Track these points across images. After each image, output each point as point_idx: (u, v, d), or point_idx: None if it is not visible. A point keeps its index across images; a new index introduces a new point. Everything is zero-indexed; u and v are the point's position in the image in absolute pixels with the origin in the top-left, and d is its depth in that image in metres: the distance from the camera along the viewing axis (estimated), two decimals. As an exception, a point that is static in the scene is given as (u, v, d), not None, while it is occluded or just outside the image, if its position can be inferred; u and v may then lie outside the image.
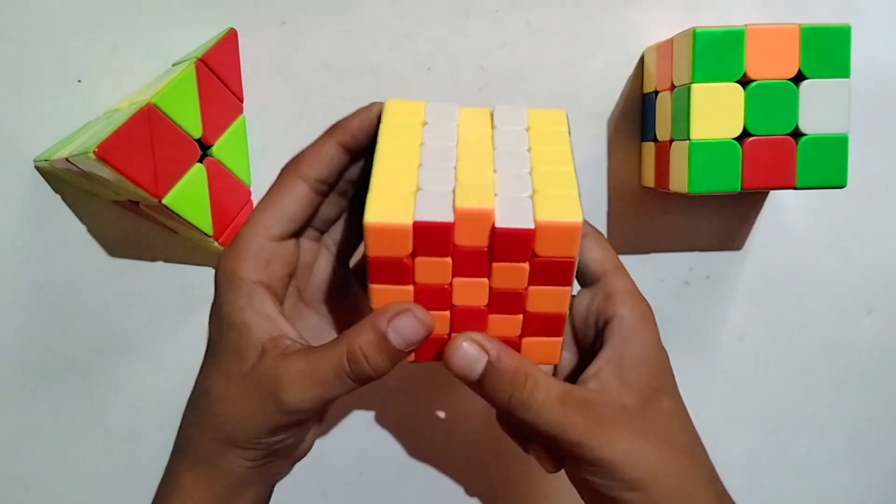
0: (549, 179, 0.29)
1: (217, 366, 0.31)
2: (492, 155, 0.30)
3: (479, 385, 0.30)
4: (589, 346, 0.34)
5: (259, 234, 0.31)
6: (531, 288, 0.29)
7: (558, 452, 0.32)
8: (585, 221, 0.32)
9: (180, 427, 0.33)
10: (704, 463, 0.32)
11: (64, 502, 0.43)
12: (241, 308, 0.31)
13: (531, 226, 0.27)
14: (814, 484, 0.46)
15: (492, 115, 0.33)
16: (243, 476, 0.31)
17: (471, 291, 0.30)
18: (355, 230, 0.35)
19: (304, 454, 0.34)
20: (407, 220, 0.27)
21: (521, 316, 0.30)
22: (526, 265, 0.29)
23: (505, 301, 0.30)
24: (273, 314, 0.31)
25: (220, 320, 0.31)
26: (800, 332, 0.45)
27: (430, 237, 0.28)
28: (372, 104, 0.33)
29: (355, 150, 0.32)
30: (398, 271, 0.29)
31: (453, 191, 0.28)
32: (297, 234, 0.33)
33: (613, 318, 0.32)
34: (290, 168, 0.32)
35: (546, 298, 0.30)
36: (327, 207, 0.34)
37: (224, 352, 0.31)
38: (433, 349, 0.31)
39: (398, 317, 0.29)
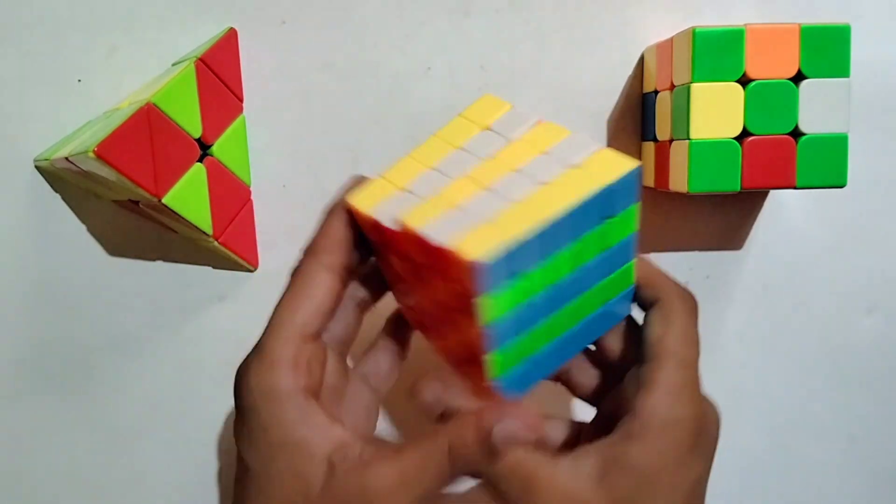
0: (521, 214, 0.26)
1: (271, 497, 0.27)
2: (504, 174, 0.28)
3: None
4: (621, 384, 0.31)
5: (294, 335, 0.28)
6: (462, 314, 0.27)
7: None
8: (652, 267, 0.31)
9: None
10: None
11: (64, 502, 0.43)
12: (293, 424, 0.27)
13: (438, 243, 0.25)
14: (814, 484, 0.46)
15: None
16: None
17: (426, 297, 0.29)
18: (354, 323, 0.32)
19: None
20: (368, 211, 0.27)
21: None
22: (444, 285, 0.27)
23: (451, 318, 0.28)
24: (327, 422, 0.27)
25: (266, 445, 0.27)
26: (800, 332, 0.45)
27: (379, 235, 0.28)
28: (358, 176, 0.30)
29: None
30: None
31: (421, 200, 0.27)
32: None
33: (656, 301, 0.30)
34: (310, 260, 0.29)
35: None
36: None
37: (279, 479, 0.27)
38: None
39: (505, 420, 0.26)
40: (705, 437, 0.29)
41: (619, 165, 0.26)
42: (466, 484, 0.29)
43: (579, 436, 0.33)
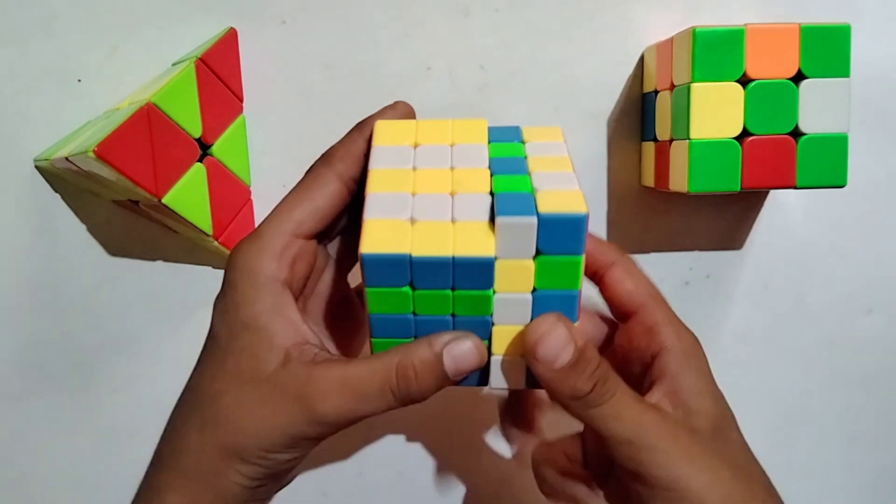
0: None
1: (226, 369, 0.28)
2: (488, 177, 0.28)
3: (562, 373, 0.27)
4: (635, 385, 0.30)
5: (287, 229, 0.29)
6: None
7: (617, 472, 0.29)
8: (612, 247, 0.31)
9: (169, 434, 0.30)
10: (778, 497, 0.30)
11: (64, 502, 0.43)
12: (264, 309, 0.28)
13: (365, 215, 0.26)
14: (814, 484, 0.46)
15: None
16: (236, 498, 0.28)
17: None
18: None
19: (287, 483, 0.32)
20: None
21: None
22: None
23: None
24: (297, 319, 0.29)
25: (235, 320, 0.28)
26: (800, 332, 0.45)
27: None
28: (397, 102, 0.31)
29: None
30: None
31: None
32: (320, 235, 0.31)
33: (661, 352, 0.30)
34: (323, 164, 0.30)
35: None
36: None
37: (237, 354, 0.28)
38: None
39: (456, 342, 0.27)
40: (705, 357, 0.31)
41: (569, 205, 0.26)
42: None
43: None
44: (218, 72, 0.38)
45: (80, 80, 0.41)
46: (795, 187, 0.37)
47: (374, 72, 0.42)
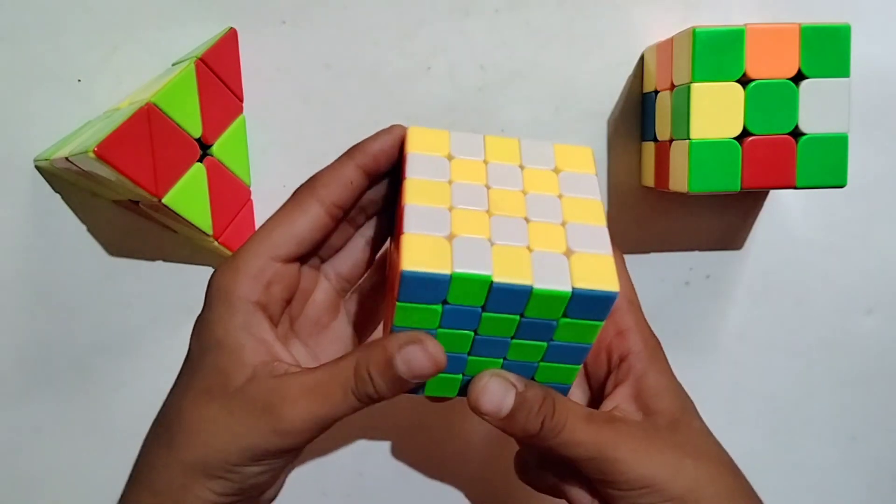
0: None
1: (194, 386, 0.29)
2: (523, 202, 0.29)
3: (509, 420, 0.29)
4: (600, 383, 0.33)
5: (264, 252, 0.29)
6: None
7: (592, 485, 0.31)
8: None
9: (142, 451, 0.30)
10: (743, 477, 0.31)
11: (64, 502, 0.43)
12: (235, 327, 0.29)
13: (403, 229, 0.27)
14: (814, 484, 0.46)
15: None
16: None
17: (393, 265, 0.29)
18: (361, 262, 0.34)
19: (269, 502, 0.32)
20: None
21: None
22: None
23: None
24: (269, 338, 0.29)
25: (207, 338, 0.29)
26: (800, 332, 0.45)
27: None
28: (393, 126, 0.31)
29: (375, 174, 0.31)
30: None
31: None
32: (302, 259, 0.31)
33: (629, 354, 0.32)
34: (306, 188, 0.30)
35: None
36: (335, 235, 0.32)
37: (206, 371, 0.29)
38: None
39: (409, 346, 0.28)
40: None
41: (601, 282, 0.27)
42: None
43: None
44: (218, 72, 0.38)
45: (80, 80, 0.41)
46: (795, 187, 0.37)
47: (374, 72, 0.42)
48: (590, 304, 0.27)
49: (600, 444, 0.29)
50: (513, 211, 0.28)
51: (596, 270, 0.27)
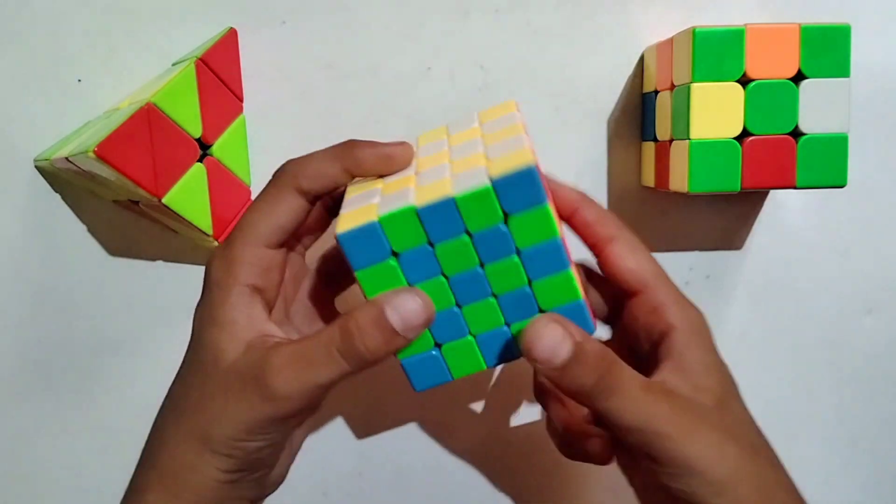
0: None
1: (195, 364, 0.30)
2: (447, 154, 0.30)
3: (562, 371, 0.28)
4: (643, 365, 0.32)
5: (254, 240, 0.30)
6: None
7: (627, 448, 0.30)
8: (615, 222, 0.32)
9: (151, 433, 0.31)
10: (783, 468, 0.31)
11: (64, 502, 0.43)
12: (230, 307, 0.30)
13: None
14: (814, 484, 0.46)
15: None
16: (214, 493, 0.29)
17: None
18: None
19: (277, 484, 0.32)
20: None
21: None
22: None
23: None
24: (262, 317, 0.30)
25: (204, 318, 0.30)
26: (800, 332, 0.45)
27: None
28: (401, 143, 0.31)
29: (359, 175, 0.31)
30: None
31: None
32: (287, 244, 0.32)
33: (668, 331, 0.31)
34: (288, 178, 0.30)
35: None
36: (313, 221, 0.33)
37: (204, 349, 0.30)
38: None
39: (400, 294, 0.28)
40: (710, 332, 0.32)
41: (514, 161, 0.27)
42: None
43: None
44: (218, 72, 0.38)
45: (80, 80, 0.41)
46: (795, 187, 0.37)
47: (374, 72, 0.42)
48: (517, 189, 0.27)
49: (651, 415, 0.28)
50: (438, 162, 0.30)
51: (509, 158, 0.27)
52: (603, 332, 0.34)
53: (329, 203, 0.33)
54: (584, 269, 0.34)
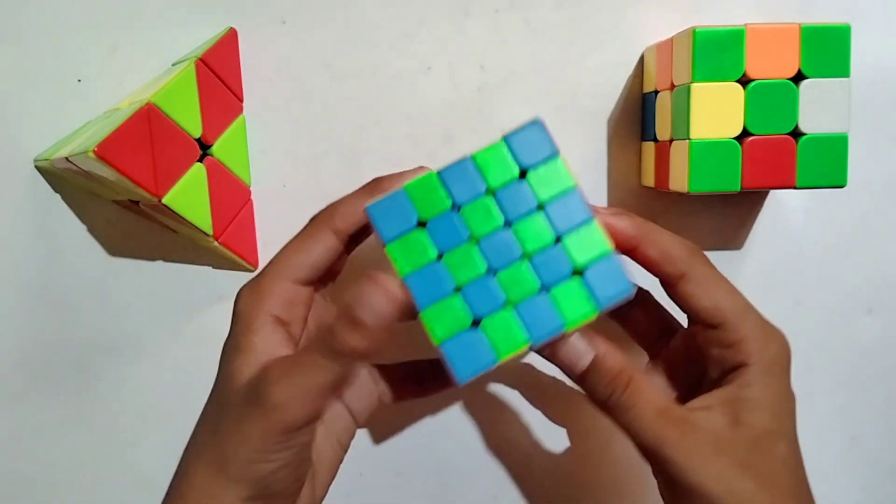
0: None
1: (214, 393, 0.31)
2: None
3: (581, 379, 0.30)
4: (703, 380, 0.32)
5: (284, 276, 0.31)
6: None
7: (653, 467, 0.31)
8: (683, 255, 0.31)
9: (178, 466, 0.31)
10: None
11: (64, 502, 0.43)
12: (252, 333, 0.30)
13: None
14: (814, 484, 0.46)
15: None
16: None
17: None
18: None
19: None
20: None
21: None
22: None
23: None
24: (284, 344, 0.31)
25: (228, 347, 0.31)
26: (800, 332, 0.45)
27: None
28: (419, 168, 0.32)
29: None
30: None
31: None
32: (318, 283, 0.33)
33: (740, 367, 0.30)
34: (325, 218, 0.31)
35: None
36: (342, 265, 0.34)
37: (224, 376, 0.30)
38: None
39: (365, 291, 0.28)
40: (790, 363, 0.32)
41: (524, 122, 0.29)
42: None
43: None
44: (218, 72, 0.38)
45: (80, 80, 0.41)
46: (795, 187, 0.37)
47: (374, 72, 0.42)
48: (527, 141, 0.29)
49: (661, 440, 0.29)
50: None
51: (521, 124, 0.29)
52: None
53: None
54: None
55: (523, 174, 0.29)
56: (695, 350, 0.33)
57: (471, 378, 0.28)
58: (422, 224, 0.29)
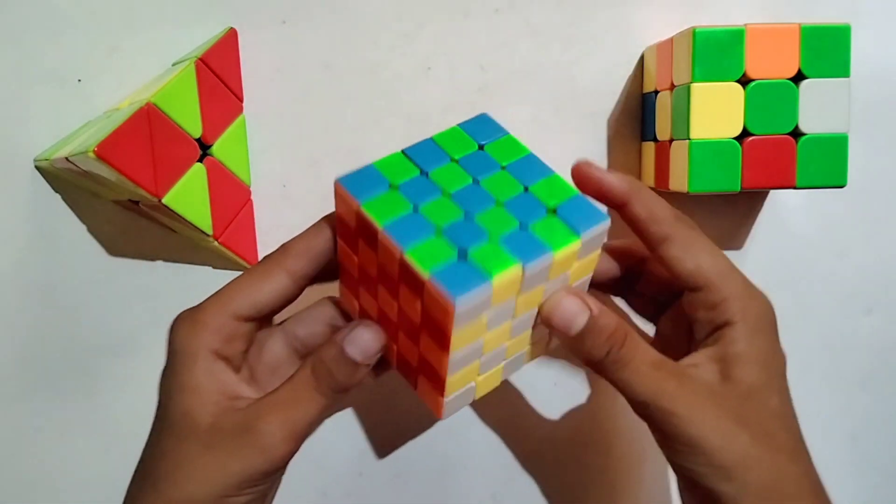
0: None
1: (166, 431, 0.30)
2: None
3: (576, 341, 0.30)
4: (693, 341, 0.32)
5: (226, 312, 0.30)
6: (422, 333, 0.28)
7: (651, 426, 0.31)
8: (668, 218, 0.31)
9: (126, 500, 0.31)
10: (807, 467, 0.31)
11: (64, 502, 0.43)
12: (197, 372, 0.30)
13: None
14: (814, 484, 0.46)
15: None
16: None
17: (388, 302, 0.30)
18: (318, 334, 0.34)
19: None
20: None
21: (416, 350, 0.30)
22: (418, 303, 0.27)
23: (408, 328, 0.29)
24: (230, 380, 0.31)
25: (172, 386, 0.30)
26: (800, 332, 0.45)
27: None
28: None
29: None
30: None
31: None
32: (261, 320, 0.32)
33: (725, 326, 0.31)
34: (277, 257, 0.31)
35: (431, 352, 0.28)
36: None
37: (175, 416, 0.30)
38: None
39: (354, 330, 0.30)
40: (776, 322, 0.32)
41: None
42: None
43: None
44: (218, 72, 0.38)
45: (80, 80, 0.41)
46: (795, 187, 0.37)
47: (374, 72, 0.42)
48: (480, 126, 0.31)
49: (658, 392, 0.29)
50: None
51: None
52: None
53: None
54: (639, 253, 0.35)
55: (481, 149, 0.30)
56: (685, 318, 0.33)
57: (466, 293, 0.26)
58: (393, 187, 0.29)
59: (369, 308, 0.31)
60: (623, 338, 0.30)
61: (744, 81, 0.36)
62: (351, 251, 0.30)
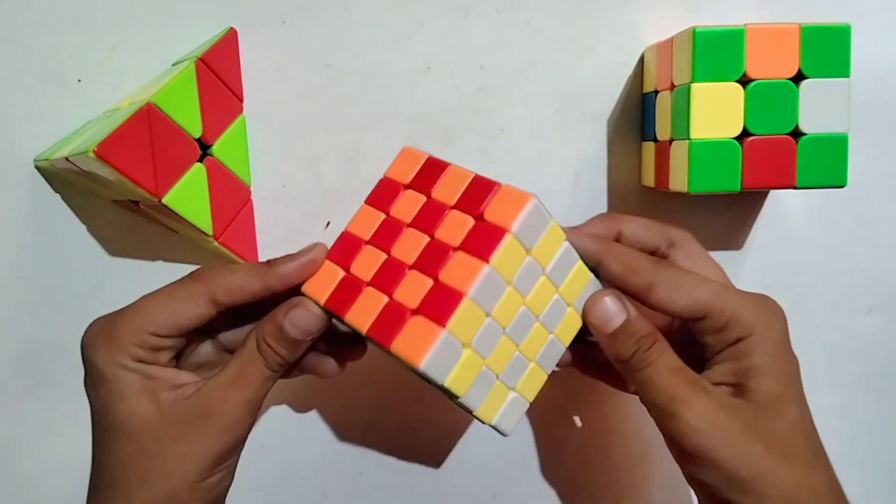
0: None
1: (120, 438, 0.30)
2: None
3: (610, 338, 0.31)
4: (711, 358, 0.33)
5: (143, 329, 0.31)
6: (455, 253, 0.30)
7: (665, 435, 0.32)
8: (645, 265, 0.32)
9: None
10: (826, 477, 0.31)
11: (64, 502, 0.43)
12: (129, 381, 0.30)
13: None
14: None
15: None
16: None
17: (410, 244, 0.31)
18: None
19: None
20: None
21: (429, 283, 0.30)
22: (470, 220, 0.30)
23: (430, 260, 0.30)
24: (167, 374, 0.31)
25: (107, 397, 0.30)
26: (800, 332, 0.45)
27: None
28: (316, 248, 0.33)
29: (279, 293, 0.32)
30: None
31: None
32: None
33: (737, 342, 0.31)
34: (205, 287, 0.31)
35: (459, 270, 0.29)
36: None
37: (120, 422, 0.30)
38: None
39: (293, 310, 0.31)
40: (785, 324, 0.33)
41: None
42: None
43: None
44: (218, 72, 0.38)
45: (80, 80, 0.41)
46: (795, 187, 0.37)
47: (374, 72, 0.42)
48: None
49: (673, 397, 0.30)
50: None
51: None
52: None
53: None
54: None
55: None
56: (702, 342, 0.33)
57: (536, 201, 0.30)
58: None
59: (364, 269, 0.32)
60: (652, 342, 0.31)
61: (744, 81, 0.36)
62: (381, 210, 0.33)
